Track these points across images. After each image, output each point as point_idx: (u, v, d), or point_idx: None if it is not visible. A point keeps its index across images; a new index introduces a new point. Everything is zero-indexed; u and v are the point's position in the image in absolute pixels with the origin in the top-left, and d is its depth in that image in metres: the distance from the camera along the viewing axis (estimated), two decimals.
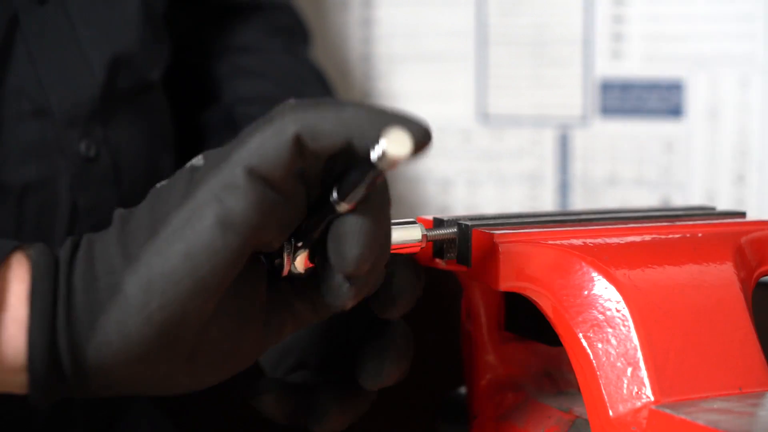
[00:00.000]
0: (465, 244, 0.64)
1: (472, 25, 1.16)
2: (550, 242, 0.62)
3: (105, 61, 0.85)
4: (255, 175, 0.55)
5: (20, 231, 0.81)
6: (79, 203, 0.84)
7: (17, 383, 0.59)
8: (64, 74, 0.83)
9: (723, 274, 0.61)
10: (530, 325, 0.68)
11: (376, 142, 0.53)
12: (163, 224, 0.56)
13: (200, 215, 0.55)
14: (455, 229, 0.64)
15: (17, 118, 0.81)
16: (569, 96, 1.13)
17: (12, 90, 0.81)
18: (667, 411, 0.55)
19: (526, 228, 0.64)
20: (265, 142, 0.55)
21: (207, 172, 0.56)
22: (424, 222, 0.66)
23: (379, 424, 1.24)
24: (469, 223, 0.64)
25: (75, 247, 0.59)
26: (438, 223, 0.66)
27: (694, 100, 1.10)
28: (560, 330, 0.60)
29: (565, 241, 0.62)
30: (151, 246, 0.56)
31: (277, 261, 0.60)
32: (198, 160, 0.58)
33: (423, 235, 0.63)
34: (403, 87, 1.21)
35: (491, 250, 0.62)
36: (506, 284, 0.62)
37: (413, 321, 0.68)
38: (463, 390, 0.74)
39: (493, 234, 0.62)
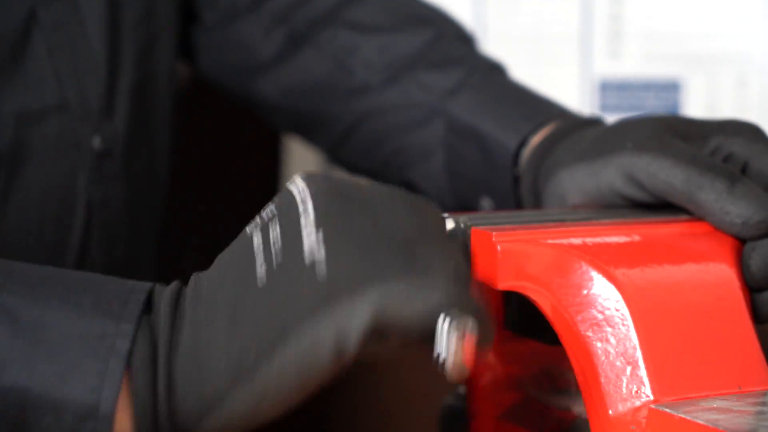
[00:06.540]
0: (464, 243, 0.63)
1: (470, 24, 1.16)
2: (550, 241, 0.62)
3: (108, 57, 0.86)
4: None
5: (42, 229, 0.81)
6: (93, 199, 0.84)
7: None
8: (77, 68, 0.84)
9: (723, 272, 0.61)
10: (530, 324, 0.68)
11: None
12: (279, 342, 0.57)
13: (317, 353, 0.56)
14: (453, 228, 0.64)
15: (40, 113, 0.81)
16: (567, 95, 1.13)
17: (34, 83, 0.81)
18: (667, 410, 0.55)
19: (525, 227, 0.64)
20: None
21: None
22: None
23: (380, 425, 1.24)
24: (467, 221, 0.64)
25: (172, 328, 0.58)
26: None
27: (692, 99, 1.10)
28: (560, 329, 0.60)
29: (564, 240, 0.62)
30: (266, 366, 0.57)
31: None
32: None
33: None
34: None
35: (490, 249, 0.62)
36: (505, 283, 0.62)
37: None
38: (463, 390, 0.73)
39: (491, 233, 0.62)
